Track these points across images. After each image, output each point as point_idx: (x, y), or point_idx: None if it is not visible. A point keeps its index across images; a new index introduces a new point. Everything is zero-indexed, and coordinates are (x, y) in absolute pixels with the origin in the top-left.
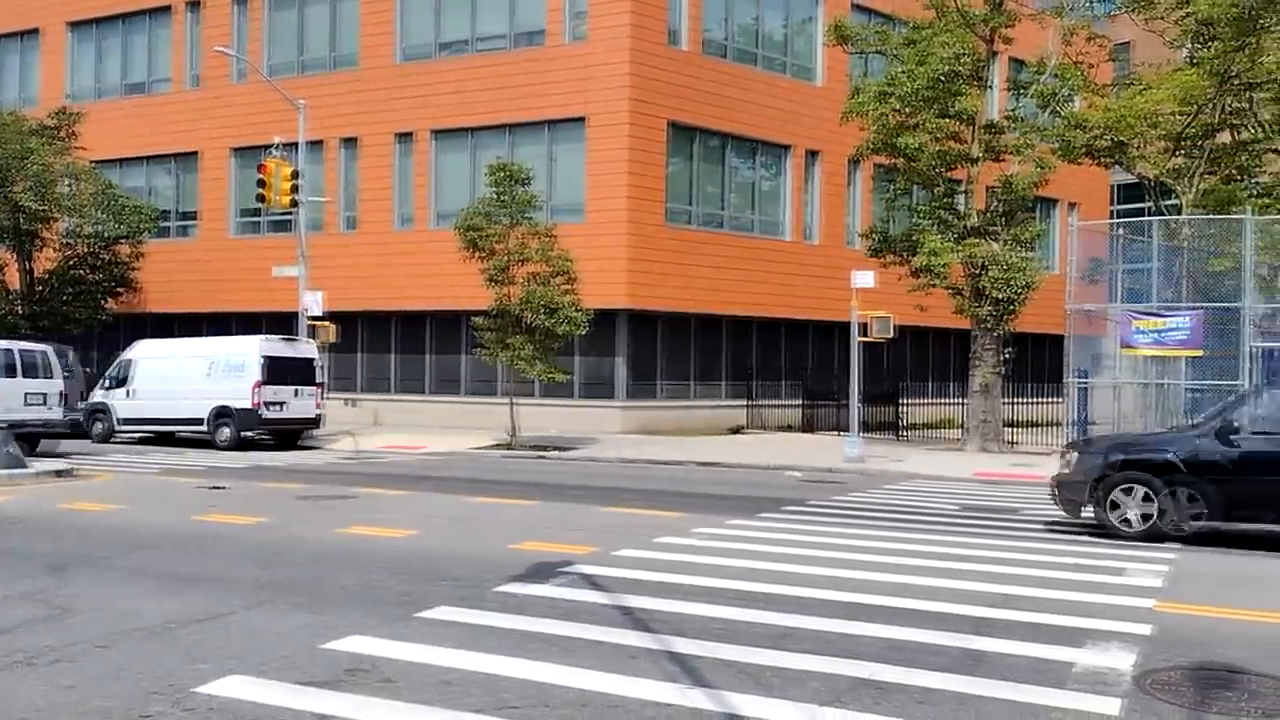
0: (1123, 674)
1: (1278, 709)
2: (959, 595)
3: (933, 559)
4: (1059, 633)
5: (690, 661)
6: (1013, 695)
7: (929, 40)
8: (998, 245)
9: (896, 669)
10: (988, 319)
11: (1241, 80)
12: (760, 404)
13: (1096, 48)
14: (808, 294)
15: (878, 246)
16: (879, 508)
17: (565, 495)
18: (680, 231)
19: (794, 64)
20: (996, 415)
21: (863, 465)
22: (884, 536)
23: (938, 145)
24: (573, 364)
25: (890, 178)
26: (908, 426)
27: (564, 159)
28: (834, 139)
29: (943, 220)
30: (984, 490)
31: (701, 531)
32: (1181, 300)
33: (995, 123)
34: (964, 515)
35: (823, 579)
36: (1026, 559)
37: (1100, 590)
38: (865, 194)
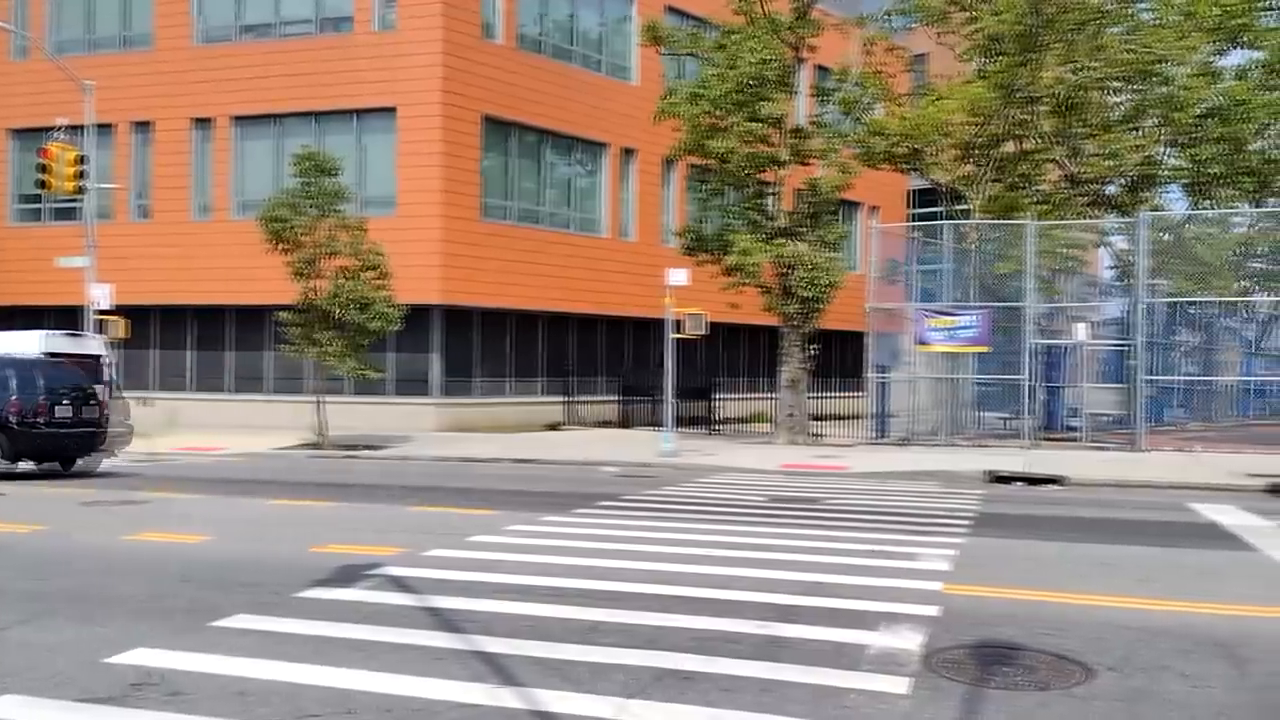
0: (912, 654)
1: (1050, 682)
2: (764, 584)
3: (740, 549)
4: (855, 617)
5: (499, 660)
6: (812, 679)
7: (739, 45)
8: (804, 246)
9: (702, 658)
10: (795, 317)
11: (1024, 93)
12: (577, 400)
13: (895, 58)
14: (624, 291)
15: (692, 245)
16: (691, 501)
17: (375, 495)
18: (496, 227)
19: (610, 62)
20: (803, 409)
21: (677, 459)
22: (694, 529)
23: (747, 148)
24: (385, 360)
25: (703, 178)
26: (721, 421)
27: (374, 150)
28: (649, 138)
29: (753, 221)
30: (790, 482)
31: (515, 529)
32: (971, 300)
33: (802, 128)
34: (771, 506)
35: (634, 573)
36: (828, 547)
37: (894, 575)
38: (680, 193)
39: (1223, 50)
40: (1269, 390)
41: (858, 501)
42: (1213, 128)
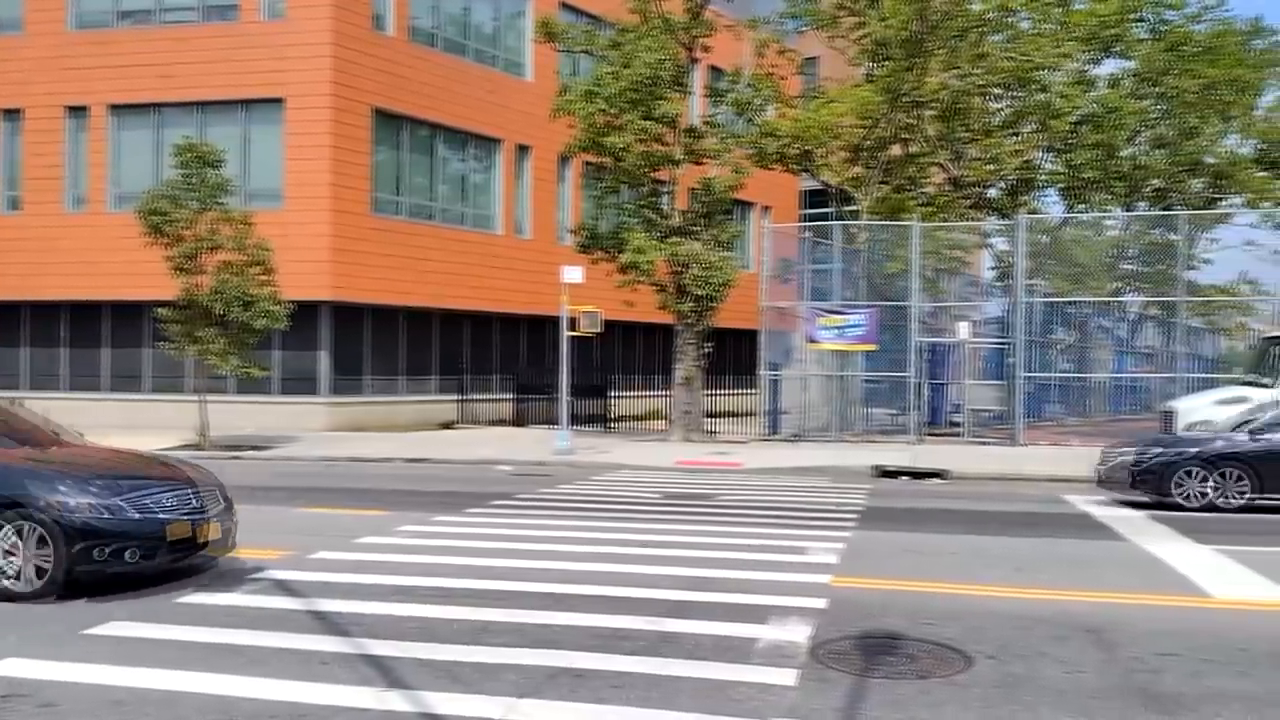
0: (800, 646)
1: (932, 670)
2: (656, 580)
3: (633, 546)
4: (745, 611)
5: (386, 663)
6: (701, 673)
7: (634, 44)
8: (699, 244)
9: (593, 655)
10: (690, 315)
11: (910, 98)
12: (472, 399)
13: (787, 61)
14: (519, 288)
15: (587, 243)
16: (585, 499)
17: (260, 497)
18: (387, 222)
19: (504, 58)
20: (698, 406)
21: (572, 458)
22: (588, 527)
23: (642, 147)
24: (271, 358)
25: (599, 176)
26: (616, 419)
27: (261, 142)
28: (545, 134)
29: (648, 219)
30: (684, 478)
31: (405, 530)
32: (860, 299)
33: (696, 128)
34: (664, 503)
35: (526, 571)
36: (720, 543)
37: (784, 569)
38: (575, 190)
39: (1097, 60)
40: (1139, 386)
41: (750, 497)
42: (1087, 134)
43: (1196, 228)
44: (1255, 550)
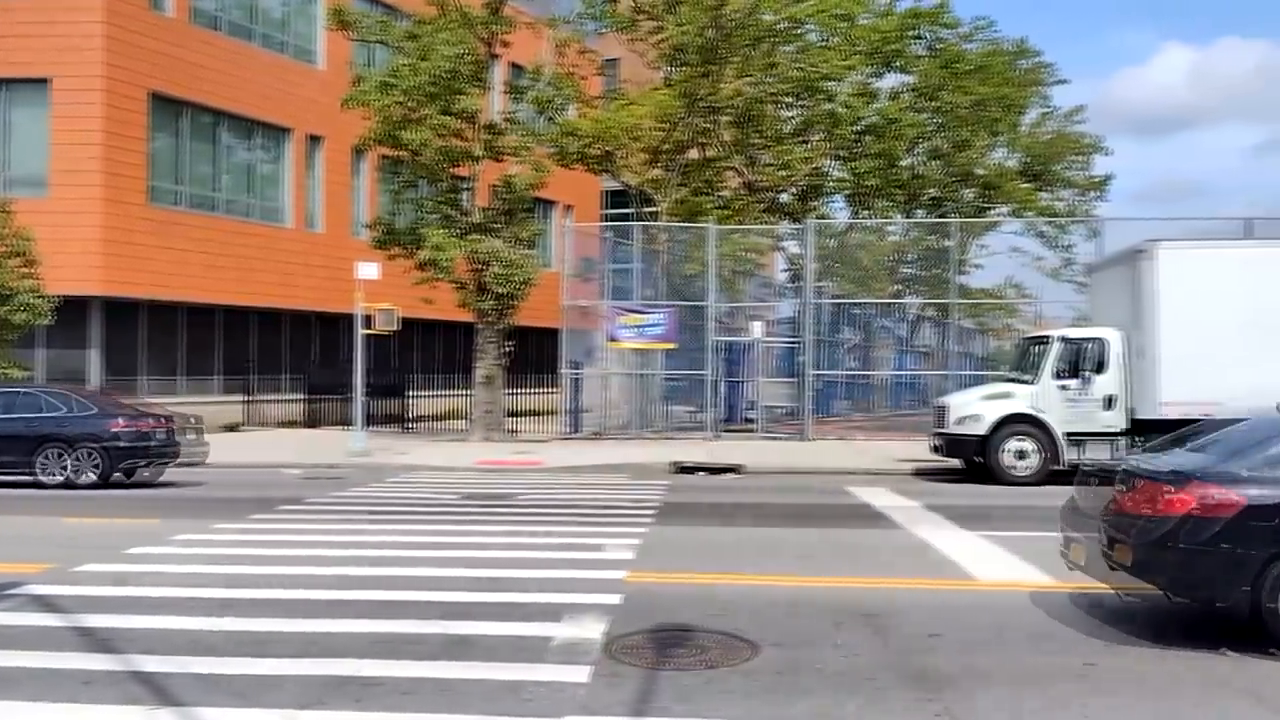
0: (594, 643)
1: (720, 660)
2: (451, 583)
3: (428, 549)
4: (541, 610)
5: (158, 680)
6: (493, 675)
7: (431, 36)
8: (500, 242)
9: (381, 662)
10: (491, 313)
11: (707, 103)
12: (259, 399)
13: (587, 61)
14: (311, 284)
15: (383, 238)
16: (380, 501)
17: (19, 507)
18: (166, 213)
19: (294, 45)
20: (499, 405)
21: (367, 459)
22: (381, 530)
23: (441, 141)
24: (34, 357)
25: (396, 170)
26: (415, 419)
27: (23, 124)
28: (338, 125)
29: (447, 215)
30: (485, 478)
31: (182, 538)
32: (660, 299)
33: (495, 124)
34: (463, 504)
35: (312, 579)
36: (518, 542)
37: (581, 566)
38: (371, 184)
39: (879, 73)
40: (918, 383)
41: (550, 496)
42: (870, 144)
43: (968, 235)
44: (1016, 535)
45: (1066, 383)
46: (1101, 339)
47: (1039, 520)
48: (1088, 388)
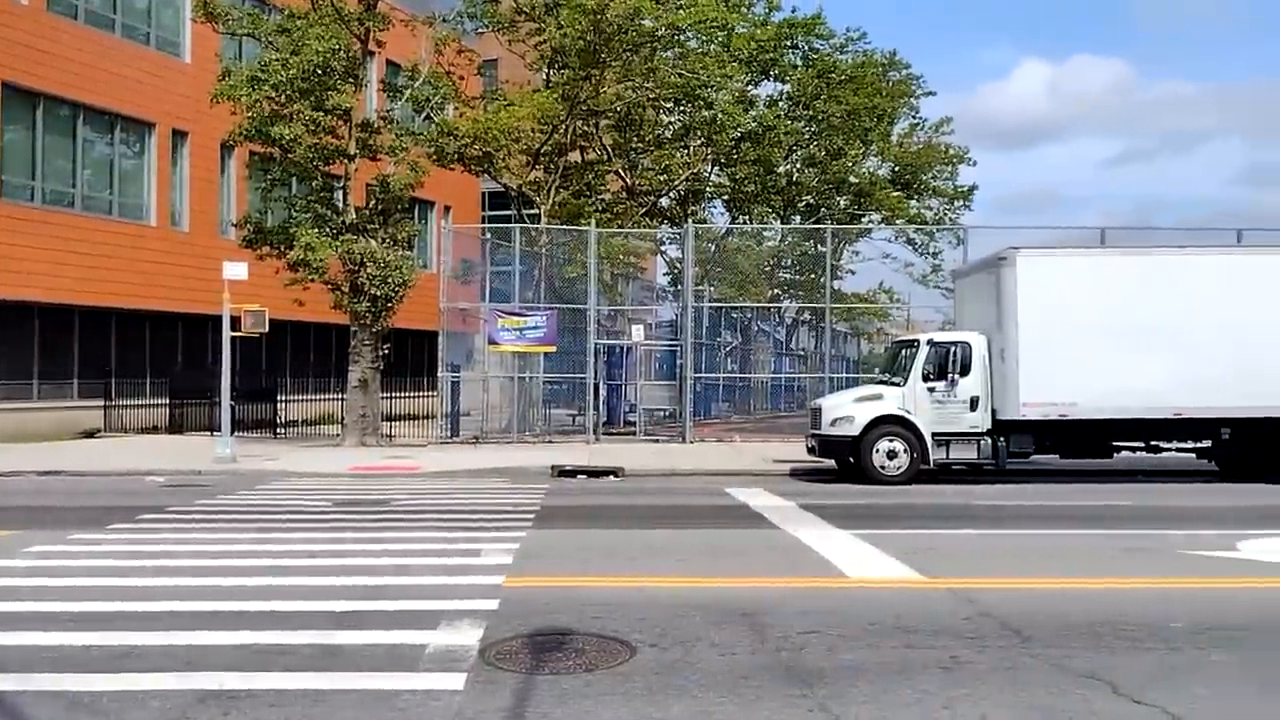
0: (470, 649)
1: (597, 663)
2: (322, 592)
3: (300, 557)
4: (416, 617)
5: (8, 699)
6: (366, 684)
7: (304, 31)
8: (375, 243)
9: (249, 675)
10: (366, 315)
11: (588, 107)
12: (120, 404)
13: (466, 61)
14: (176, 284)
15: (252, 237)
16: (248, 509)
17: None
18: (20, 209)
19: (159, 36)
20: (375, 410)
21: (235, 466)
22: (249, 539)
23: (314, 138)
24: None
25: (266, 167)
26: (286, 424)
27: None
28: (205, 120)
29: (320, 215)
30: (359, 484)
31: (36, 550)
32: (540, 301)
33: (371, 122)
34: (336, 511)
35: (176, 590)
36: (394, 549)
37: (458, 572)
38: (240, 181)
39: (756, 81)
40: (795, 385)
41: (427, 501)
42: (748, 150)
43: (842, 241)
44: (887, 533)
45: (934, 385)
46: (966, 342)
47: (908, 519)
48: (953, 390)
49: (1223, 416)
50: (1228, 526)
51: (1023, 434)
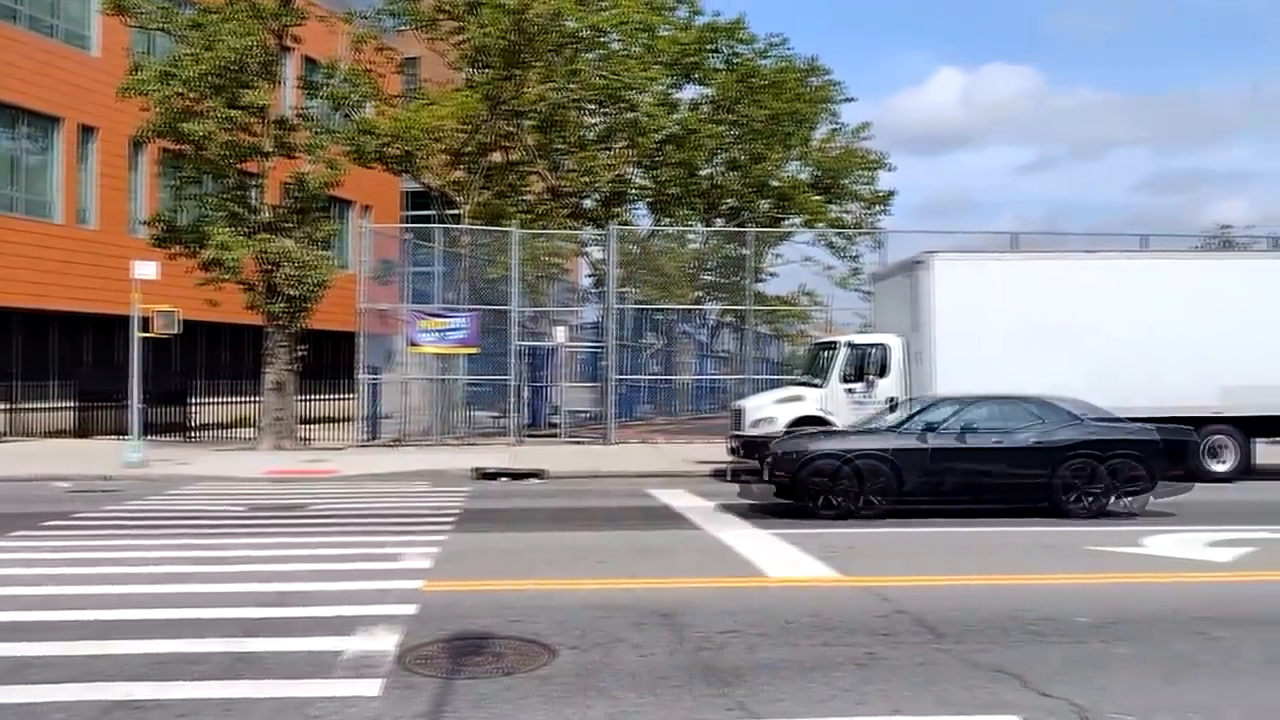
0: (387, 655)
1: (517, 666)
2: (235, 599)
3: (211, 564)
4: (332, 624)
5: None
6: (279, 692)
7: (217, 26)
8: (291, 242)
9: (157, 684)
10: (282, 316)
11: (510, 107)
12: (23, 407)
13: (386, 59)
14: (84, 284)
15: (164, 236)
16: (158, 515)
17: None
18: None
19: (66, 29)
20: (290, 412)
21: (145, 470)
22: (159, 545)
23: (228, 135)
24: None
25: (178, 164)
26: (199, 427)
27: None
28: (114, 116)
29: (234, 213)
30: (274, 489)
31: None
32: (462, 302)
33: (287, 119)
34: (250, 515)
35: (82, 598)
36: (310, 554)
37: (376, 577)
38: (151, 178)
39: (679, 84)
40: (718, 387)
41: (344, 505)
42: (671, 153)
43: (764, 244)
44: (807, 533)
45: (853, 386)
46: (884, 344)
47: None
48: (872, 391)
49: (1130, 416)
50: (1132, 523)
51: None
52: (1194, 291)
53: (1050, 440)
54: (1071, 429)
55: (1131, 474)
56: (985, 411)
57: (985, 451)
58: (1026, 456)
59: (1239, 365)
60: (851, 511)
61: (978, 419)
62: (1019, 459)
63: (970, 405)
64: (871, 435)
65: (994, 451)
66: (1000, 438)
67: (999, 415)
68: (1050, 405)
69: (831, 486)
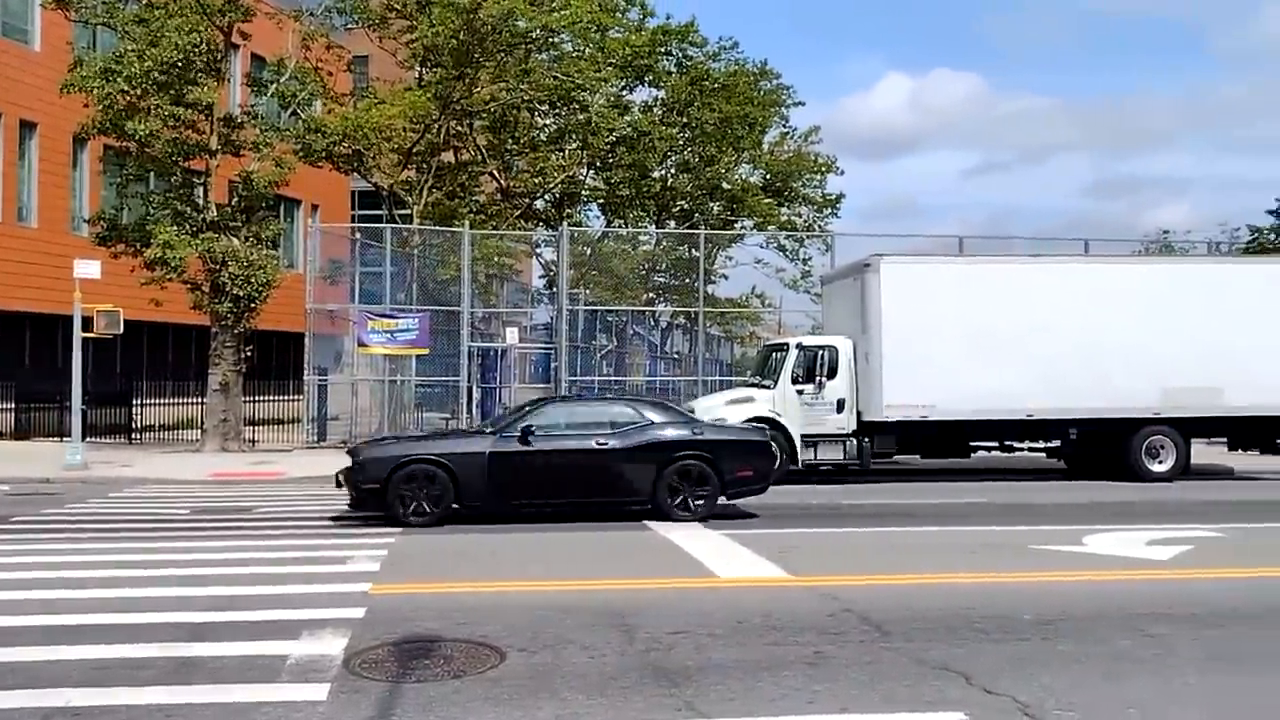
0: (334, 659)
1: (466, 669)
2: (179, 603)
3: (155, 568)
4: (278, 628)
5: None
6: (224, 698)
7: (163, 22)
8: (237, 241)
9: (98, 691)
10: (228, 316)
11: (461, 107)
12: None
13: (335, 57)
14: (24, 283)
15: (107, 234)
16: (100, 518)
17: None
18: None
19: (5, 21)
20: (237, 414)
21: (86, 473)
22: (101, 549)
23: (173, 133)
24: None
25: (122, 161)
26: (143, 429)
27: None
28: (56, 112)
29: (179, 212)
30: (220, 491)
31: None
32: (413, 303)
33: (234, 117)
34: (194, 519)
35: (19, 603)
36: (255, 557)
37: (323, 581)
38: (94, 176)
39: (631, 86)
40: (670, 388)
41: (291, 508)
42: (623, 155)
43: (715, 246)
44: (756, 533)
45: (803, 387)
46: (833, 346)
47: (778, 518)
48: (821, 392)
49: (1071, 418)
50: (1075, 522)
51: (886, 435)
52: (1135, 296)
53: (653, 440)
54: (677, 429)
55: (738, 475)
56: (589, 411)
57: (563, 454)
58: (619, 458)
59: (1179, 368)
60: (401, 519)
61: (558, 423)
62: (611, 460)
63: (566, 406)
64: (458, 439)
65: (583, 454)
66: (599, 440)
67: (585, 417)
68: (663, 406)
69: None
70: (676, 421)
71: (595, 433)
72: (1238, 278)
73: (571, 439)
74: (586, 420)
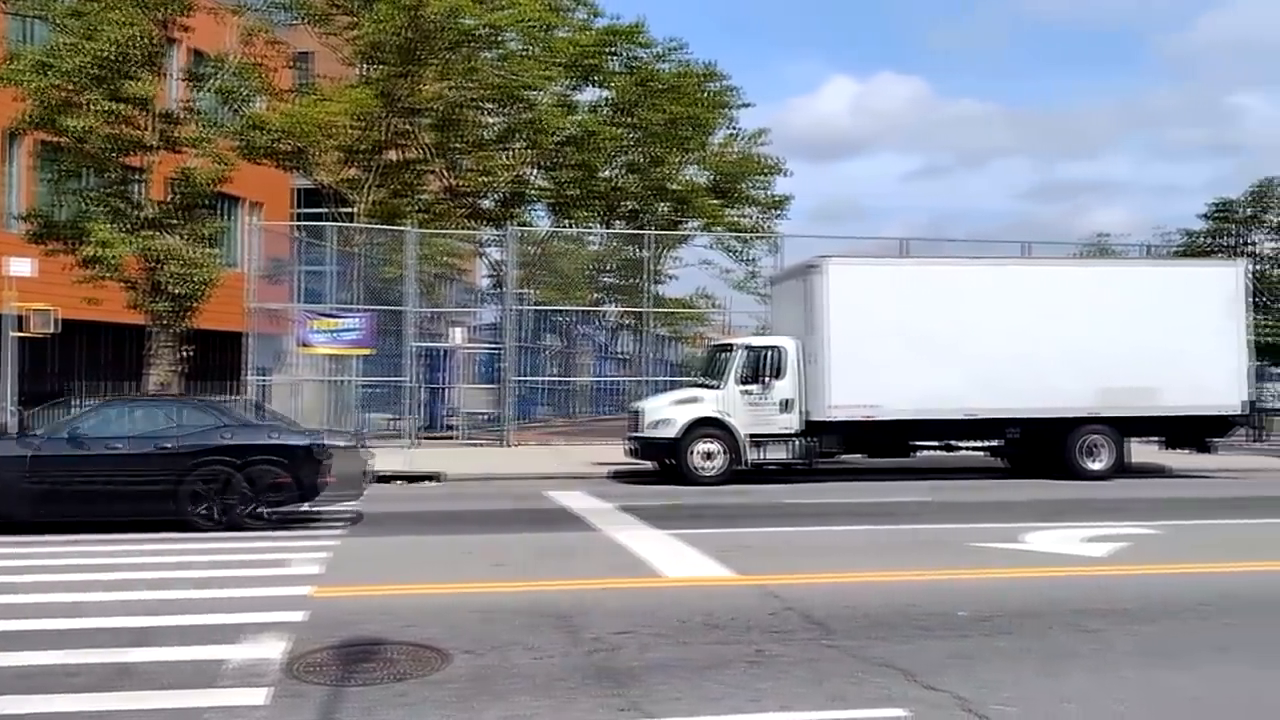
0: (274, 663)
1: (409, 672)
2: (116, 608)
3: (88, 572)
4: (216, 632)
5: None
6: (161, 704)
7: (99, 15)
8: (177, 239)
9: (28, 698)
10: (166, 315)
11: (406, 104)
12: None
13: (277, 53)
14: None
15: (41, 232)
16: (33, 523)
17: None
18: None
19: None
20: None
21: None
22: (35, 554)
23: (109, 129)
24: None
25: (56, 157)
26: None
27: None
28: None
29: (116, 209)
30: None
31: None
32: (356, 302)
33: (173, 113)
34: (130, 523)
35: None
36: (195, 560)
37: (263, 584)
38: (28, 171)
39: (578, 86)
40: (617, 389)
41: None
42: (571, 154)
43: (662, 246)
44: (702, 533)
45: (749, 388)
46: (780, 347)
47: (724, 518)
48: (768, 393)
49: (1011, 417)
50: (1013, 520)
51: (831, 435)
52: (1073, 297)
53: (180, 446)
54: (210, 434)
55: (275, 482)
56: (139, 415)
57: (106, 459)
58: (151, 462)
59: (1115, 369)
60: None
61: (102, 426)
62: (144, 465)
63: (123, 410)
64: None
65: (118, 458)
66: (131, 444)
67: (143, 419)
68: (212, 409)
69: None
70: (223, 426)
71: (154, 433)
72: (1172, 280)
73: (120, 442)
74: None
